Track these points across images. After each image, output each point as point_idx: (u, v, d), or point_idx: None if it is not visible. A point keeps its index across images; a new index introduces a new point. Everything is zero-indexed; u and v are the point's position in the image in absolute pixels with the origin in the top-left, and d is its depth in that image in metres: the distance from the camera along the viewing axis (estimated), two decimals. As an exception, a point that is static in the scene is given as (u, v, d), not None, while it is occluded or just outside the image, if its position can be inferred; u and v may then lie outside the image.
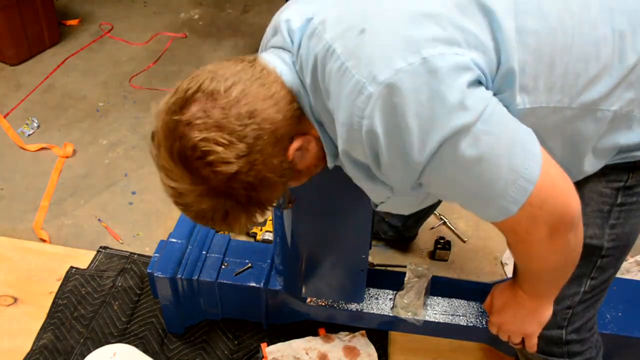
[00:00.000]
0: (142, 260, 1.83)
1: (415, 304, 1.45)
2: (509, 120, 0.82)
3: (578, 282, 1.10)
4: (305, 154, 0.90)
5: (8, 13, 2.63)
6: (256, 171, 0.82)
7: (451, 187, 0.85)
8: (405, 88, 0.76)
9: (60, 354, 1.58)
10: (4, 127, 2.40)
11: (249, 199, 0.86)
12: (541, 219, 0.83)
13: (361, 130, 0.80)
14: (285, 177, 0.88)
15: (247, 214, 0.88)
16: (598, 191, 1.02)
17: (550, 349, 1.18)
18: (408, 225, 1.81)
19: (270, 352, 1.56)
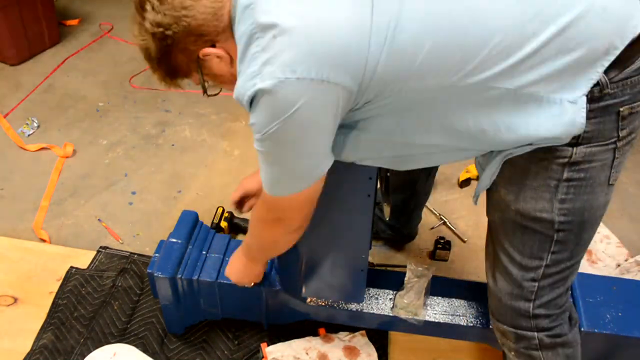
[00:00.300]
0: (142, 260, 1.84)
1: (415, 304, 1.45)
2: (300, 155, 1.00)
3: (539, 256, 1.13)
4: (222, 63, 1.05)
5: (8, 13, 2.63)
6: (167, 43, 1.00)
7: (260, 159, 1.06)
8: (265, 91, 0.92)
9: (60, 354, 1.58)
10: (4, 127, 2.40)
11: (161, 58, 1.04)
12: (274, 211, 1.14)
13: (244, 99, 0.97)
14: (198, 66, 1.05)
15: (160, 70, 1.07)
16: (544, 166, 1.05)
17: (519, 322, 1.23)
18: (402, 221, 1.82)
19: (270, 352, 1.56)
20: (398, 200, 1.72)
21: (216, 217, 1.95)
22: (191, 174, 2.23)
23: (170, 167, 2.25)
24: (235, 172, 2.24)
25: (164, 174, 2.22)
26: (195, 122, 2.49)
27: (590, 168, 1.04)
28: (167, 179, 2.20)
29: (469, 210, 2.05)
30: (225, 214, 1.96)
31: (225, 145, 2.37)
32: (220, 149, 2.35)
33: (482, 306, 1.47)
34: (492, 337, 1.47)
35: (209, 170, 2.24)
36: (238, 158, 2.31)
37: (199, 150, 2.34)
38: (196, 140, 2.40)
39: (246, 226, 1.94)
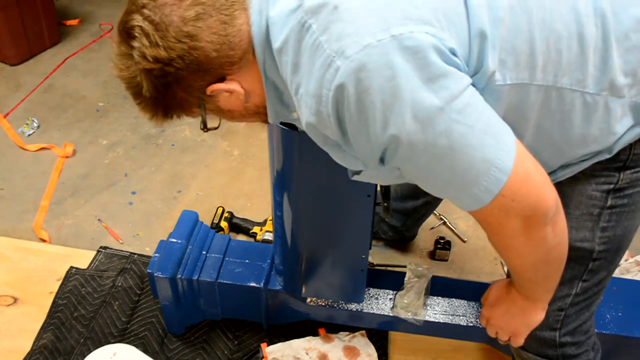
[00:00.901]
0: (142, 260, 1.83)
1: (415, 304, 1.45)
2: (484, 110, 0.82)
3: (569, 285, 1.09)
4: (232, 98, 0.92)
5: (8, 13, 2.63)
6: (166, 81, 0.86)
7: (423, 173, 0.86)
8: (371, 64, 0.76)
9: (60, 354, 1.58)
10: (4, 127, 2.40)
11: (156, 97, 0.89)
12: (513, 211, 0.84)
13: (328, 103, 0.80)
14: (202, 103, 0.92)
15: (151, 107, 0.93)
16: (587, 194, 1.01)
17: (545, 351, 1.18)
18: (407, 225, 1.81)
19: (270, 352, 1.56)
20: (409, 206, 1.71)
21: (216, 217, 1.95)
22: (191, 174, 2.23)
23: (170, 167, 2.25)
24: (235, 172, 2.24)
25: (164, 174, 2.22)
26: (195, 122, 2.46)
27: (634, 193, 1.00)
28: (167, 179, 2.20)
29: (469, 210, 2.04)
30: (226, 214, 1.96)
31: (225, 145, 2.37)
32: (220, 149, 2.35)
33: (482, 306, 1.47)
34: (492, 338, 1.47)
35: (209, 170, 2.24)
36: (238, 158, 2.31)
37: (199, 150, 2.34)
38: (196, 140, 2.40)
39: (246, 226, 1.94)
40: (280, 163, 1.24)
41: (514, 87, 0.86)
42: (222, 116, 0.99)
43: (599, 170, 0.99)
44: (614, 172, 0.99)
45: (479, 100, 0.82)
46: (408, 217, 1.77)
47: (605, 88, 0.88)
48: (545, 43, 0.85)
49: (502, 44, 0.84)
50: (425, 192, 1.62)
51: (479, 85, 0.84)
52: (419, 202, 1.69)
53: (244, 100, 0.93)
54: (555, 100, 0.88)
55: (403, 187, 1.70)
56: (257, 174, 2.22)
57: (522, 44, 0.84)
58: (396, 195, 1.72)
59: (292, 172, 1.24)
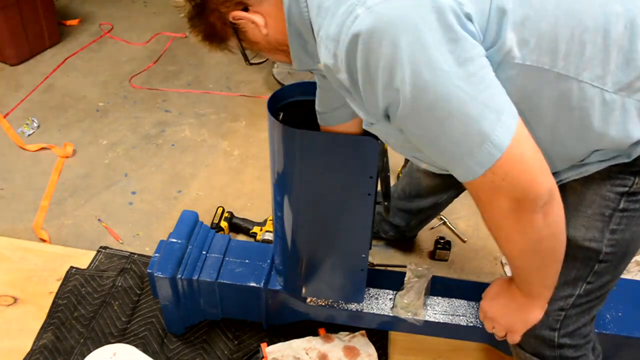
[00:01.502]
0: (142, 260, 1.83)
1: (415, 304, 1.45)
2: (491, 85, 0.81)
3: (573, 285, 1.10)
4: (255, 30, 0.96)
5: (8, 13, 2.63)
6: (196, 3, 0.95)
7: (421, 135, 0.86)
8: (387, 16, 0.77)
9: (60, 354, 1.58)
10: (4, 127, 2.40)
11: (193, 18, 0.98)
12: (503, 190, 0.84)
13: (343, 48, 0.82)
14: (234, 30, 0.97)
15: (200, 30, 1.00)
16: (601, 194, 1.01)
17: (543, 351, 1.18)
18: (411, 225, 1.80)
19: (270, 352, 1.56)
20: (415, 205, 1.71)
21: (216, 217, 1.95)
22: (191, 174, 2.23)
23: (170, 167, 2.25)
24: (235, 172, 2.24)
25: (164, 174, 2.22)
26: (195, 122, 2.49)
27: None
28: (167, 179, 2.20)
29: (469, 210, 2.04)
30: (226, 214, 1.96)
31: (225, 145, 2.37)
32: (220, 149, 2.35)
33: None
34: (492, 337, 1.47)
35: (209, 170, 2.24)
36: (238, 158, 2.31)
37: (199, 150, 2.34)
38: (196, 140, 2.40)
39: (246, 226, 1.94)
40: (280, 163, 1.24)
41: (533, 70, 0.86)
42: (251, 49, 1.02)
43: (615, 172, 0.99)
44: (629, 176, 0.99)
45: (487, 74, 0.81)
46: (413, 217, 1.76)
47: (623, 88, 0.88)
48: (570, 32, 0.85)
49: (527, 22, 0.84)
50: (433, 192, 1.64)
51: (494, 59, 0.84)
52: (426, 203, 1.68)
53: (265, 33, 0.96)
54: (576, 94, 0.88)
55: (411, 186, 1.69)
56: (257, 174, 2.22)
57: (546, 27, 0.84)
58: (403, 194, 1.72)
59: (293, 172, 1.24)
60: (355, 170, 1.18)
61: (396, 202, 1.74)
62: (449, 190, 1.63)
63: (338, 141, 1.15)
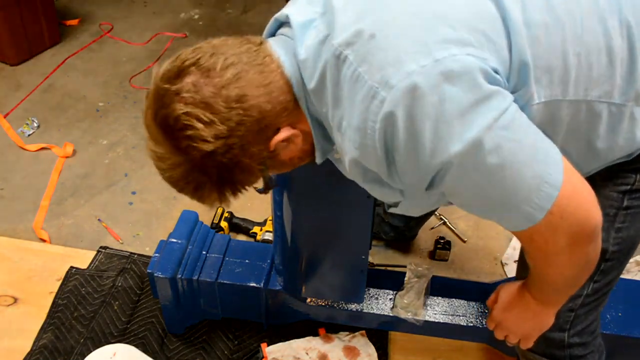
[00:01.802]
0: (142, 260, 1.83)
1: (415, 304, 1.45)
2: (529, 126, 0.81)
3: (581, 286, 1.08)
4: (291, 146, 0.90)
5: (8, 13, 2.63)
6: (233, 154, 0.83)
7: (472, 194, 0.84)
8: (417, 90, 0.76)
9: (60, 354, 1.58)
10: (4, 127, 2.40)
11: (222, 178, 0.87)
12: (561, 229, 0.82)
13: (374, 135, 0.79)
14: (264, 165, 0.89)
15: (218, 192, 0.89)
16: (605, 195, 1.01)
17: (552, 351, 1.18)
18: (410, 225, 1.80)
19: (270, 352, 1.56)
20: None
21: (216, 217, 1.94)
22: (191, 174, 2.22)
23: (170, 167, 2.25)
24: (235, 172, 2.24)
25: (164, 174, 2.22)
26: (195, 122, 2.49)
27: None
28: (167, 179, 2.19)
29: (469, 210, 2.04)
30: (225, 214, 1.96)
31: (225, 145, 2.36)
32: (220, 149, 2.35)
33: (482, 306, 1.47)
34: (492, 337, 1.47)
35: (209, 170, 2.24)
36: (238, 158, 2.31)
37: (199, 150, 2.34)
38: (196, 140, 2.39)
39: (246, 226, 1.94)
40: (280, 163, 1.24)
41: (547, 105, 0.86)
42: (282, 170, 0.96)
43: (616, 172, 0.99)
44: (631, 174, 0.99)
45: (522, 116, 0.81)
46: (411, 218, 1.76)
47: (631, 98, 0.88)
48: (577, 58, 0.85)
49: (538, 62, 0.84)
50: None
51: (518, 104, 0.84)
52: None
53: (303, 143, 0.91)
54: (584, 112, 0.88)
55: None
56: (257, 174, 2.22)
57: (556, 61, 0.85)
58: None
59: (292, 173, 1.24)
60: (355, 171, 1.18)
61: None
62: None
63: (338, 141, 1.15)
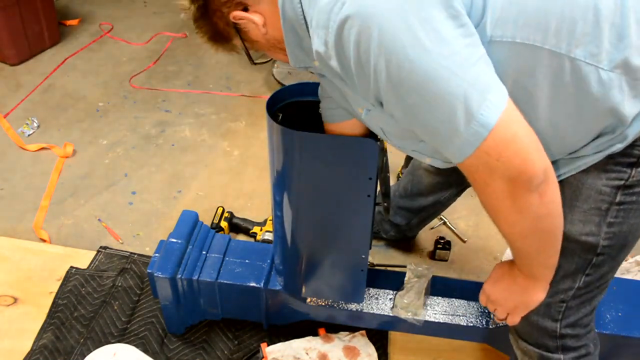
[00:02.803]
0: (142, 260, 1.84)
1: (415, 304, 1.45)
2: (477, 64, 0.82)
3: (572, 278, 1.11)
4: (254, 28, 1.00)
5: (8, 13, 2.63)
6: (199, 4, 0.99)
7: (409, 116, 0.87)
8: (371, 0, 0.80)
9: (60, 354, 1.58)
10: (4, 127, 2.40)
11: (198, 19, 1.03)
12: (498, 171, 0.85)
13: (333, 34, 0.84)
14: (236, 31, 1.02)
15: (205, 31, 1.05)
16: (597, 189, 1.01)
17: (545, 341, 1.19)
18: (412, 224, 1.80)
19: (270, 352, 1.56)
20: (417, 204, 1.71)
21: (216, 217, 1.95)
22: (191, 174, 2.23)
23: (170, 167, 2.25)
24: (235, 172, 2.24)
25: (164, 174, 2.22)
26: (195, 122, 2.49)
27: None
28: (167, 179, 2.20)
29: (469, 210, 2.05)
30: (226, 214, 1.96)
31: (225, 145, 2.37)
32: (220, 149, 2.35)
33: (482, 306, 1.47)
34: (492, 337, 1.47)
35: (209, 170, 2.24)
36: (238, 158, 2.31)
37: (199, 150, 2.34)
38: (196, 140, 2.40)
39: (246, 226, 1.94)
40: (280, 163, 1.24)
41: (524, 48, 0.86)
42: (253, 47, 1.07)
43: (612, 165, 0.99)
44: (626, 168, 0.99)
45: (473, 52, 0.82)
46: (414, 215, 1.76)
47: (619, 66, 0.87)
48: (560, 9, 0.85)
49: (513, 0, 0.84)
50: (435, 190, 1.65)
51: (482, 38, 0.85)
52: (428, 201, 1.68)
53: (264, 32, 1.00)
54: (569, 72, 0.87)
55: (413, 184, 1.69)
56: (257, 174, 2.22)
57: (534, 4, 0.85)
58: (405, 192, 1.72)
59: (292, 172, 1.24)
60: (354, 172, 1.19)
61: (397, 201, 1.75)
62: (450, 188, 1.64)
63: (337, 143, 1.15)
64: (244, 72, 2.79)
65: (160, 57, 2.89)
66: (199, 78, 2.76)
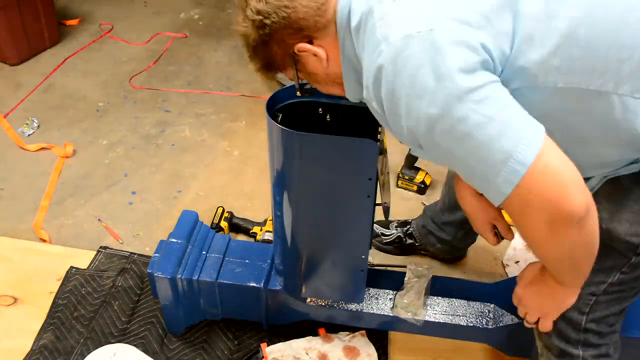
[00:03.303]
0: (142, 260, 1.84)
1: (415, 304, 1.45)
2: (507, 106, 0.85)
3: (607, 273, 1.10)
4: (314, 60, 1.03)
5: (8, 13, 2.63)
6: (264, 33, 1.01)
7: (446, 159, 0.92)
8: (405, 52, 0.86)
9: (60, 354, 1.58)
10: (4, 127, 2.40)
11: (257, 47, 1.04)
12: (533, 204, 0.85)
13: (371, 79, 0.91)
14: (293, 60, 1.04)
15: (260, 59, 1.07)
16: (633, 190, 1.01)
17: (568, 333, 1.18)
18: (458, 237, 1.72)
19: (270, 352, 1.56)
20: (459, 216, 1.62)
21: (216, 217, 1.95)
22: (191, 174, 2.23)
23: (170, 167, 2.25)
24: (235, 172, 2.24)
25: (164, 174, 2.22)
26: (195, 122, 2.49)
27: None
28: (167, 179, 2.20)
29: (469, 210, 2.04)
30: (226, 214, 1.96)
31: (225, 145, 2.37)
32: (220, 149, 2.35)
33: (482, 306, 1.47)
34: (492, 337, 1.47)
35: (209, 170, 2.24)
36: (238, 158, 2.31)
37: (199, 150, 2.34)
38: (196, 140, 2.40)
39: (246, 226, 1.94)
40: (280, 163, 1.24)
41: (567, 92, 0.90)
42: (308, 79, 1.10)
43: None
44: None
45: (502, 96, 0.86)
46: (459, 228, 1.68)
47: None
48: (605, 52, 0.88)
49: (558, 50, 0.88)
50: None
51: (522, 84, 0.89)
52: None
53: (326, 66, 1.03)
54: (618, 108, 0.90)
55: (450, 195, 1.62)
56: (257, 174, 2.22)
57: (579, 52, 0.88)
58: (444, 206, 1.67)
59: (292, 172, 1.24)
60: (354, 172, 1.19)
61: (440, 217, 1.69)
62: None
63: (337, 143, 1.15)
64: (244, 72, 2.79)
65: (160, 57, 2.88)
66: (199, 78, 2.76)
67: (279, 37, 1.01)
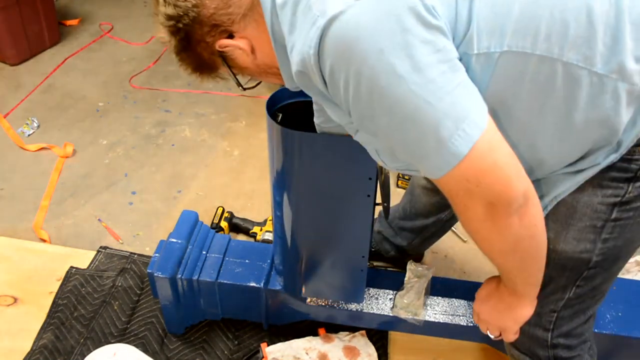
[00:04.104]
0: (142, 260, 1.84)
1: (415, 304, 1.45)
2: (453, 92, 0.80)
3: (562, 290, 1.09)
4: (241, 55, 0.97)
5: (8, 13, 2.63)
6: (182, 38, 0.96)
7: (383, 136, 0.88)
8: (345, 22, 0.79)
9: (60, 354, 1.58)
10: (4, 127, 2.40)
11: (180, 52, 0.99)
12: (477, 196, 0.84)
13: (311, 59, 0.83)
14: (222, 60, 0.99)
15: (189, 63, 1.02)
16: (593, 207, 0.99)
17: (536, 350, 1.18)
18: (414, 244, 1.72)
19: (270, 352, 1.56)
20: (418, 224, 1.65)
21: (216, 217, 1.95)
22: (191, 174, 2.23)
23: (170, 167, 2.25)
24: (235, 172, 2.24)
25: (164, 174, 2.22)
26: (195, 122, 2.49)
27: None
28: (167, 179, 2.20)
29: (469, 210, 2.04)
30: (226, 214, 1.96)
31: (225, 145, 2.37)
32: (220, 149, 2.35)
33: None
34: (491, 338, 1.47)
35: (209, 170, 2.24)
36: (238, 158, 2.31)
37: (199, 150, 2.34)
38: (196, 140, 2.40)
39: (246, 226, 1.94)
40: (280, 163, 1.24)
41: (513, 56, 0.83)
42: (242, 73, 1.04)
43: (607, 181, 0.96)
44: (622, 184, 0.95)
45: (450, 79, 0.80)
46: (416, 235, 1.69)
47: (614, 70, 0.83)
48: (549, 11, 0.82)
49: (497, 9, 0.82)
50: (434, 210, 1.61)
51: (469, 51, 0.83)
52: (429, 221, 1.62)
53: (253, 58, 0.98)
54: (561, 75, 0.84)
55: (412, 204, 1.63)
56: (257, 174, 2.22)
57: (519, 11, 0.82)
58: (404, 213, 1.67)
59: (292, 172, 1.24)
60: (354, 172, 1.19)
61: (397, 222, 1.69)
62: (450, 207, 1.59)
63: (337, 143, 1.15)
64: (244, 72, 2.79)
65: (160, 57, 2.89)
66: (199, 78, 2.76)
67: (197, 38, 0.96)
